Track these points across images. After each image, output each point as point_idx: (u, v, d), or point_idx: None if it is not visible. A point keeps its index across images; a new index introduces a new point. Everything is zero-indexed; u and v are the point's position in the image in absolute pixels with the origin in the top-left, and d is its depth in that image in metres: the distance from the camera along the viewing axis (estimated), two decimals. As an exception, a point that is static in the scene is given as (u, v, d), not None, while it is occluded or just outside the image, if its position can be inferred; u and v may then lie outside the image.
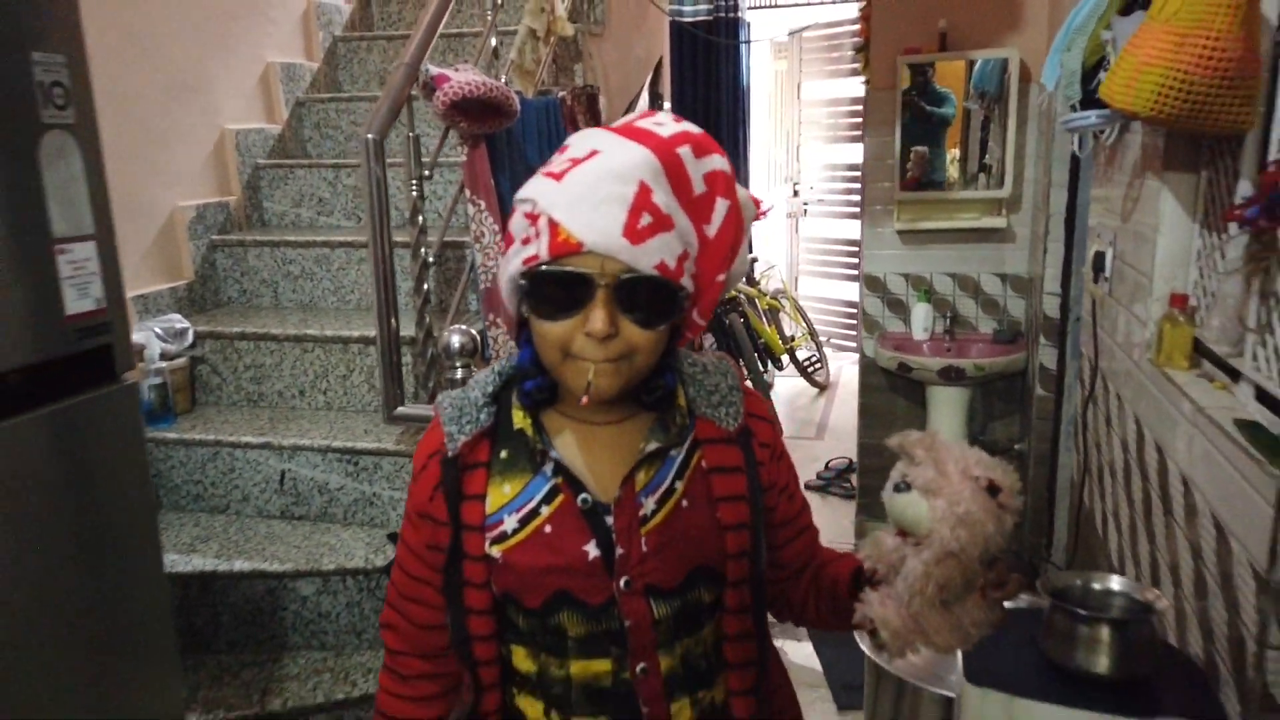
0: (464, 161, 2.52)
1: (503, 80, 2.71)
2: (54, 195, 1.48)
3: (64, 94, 1.50)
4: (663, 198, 0.85)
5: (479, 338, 2.29)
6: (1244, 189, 1.39)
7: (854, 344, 3.60)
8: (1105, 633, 1.25)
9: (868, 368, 3.66)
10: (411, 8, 3.80)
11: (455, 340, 2.22)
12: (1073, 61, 1.84)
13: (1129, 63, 1.41)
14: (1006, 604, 0.90)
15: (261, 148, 3.22)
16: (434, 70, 2.36)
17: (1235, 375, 1.40)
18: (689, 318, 0.93)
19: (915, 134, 3.38)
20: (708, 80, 6.10)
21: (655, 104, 4.35)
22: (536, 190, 0.87)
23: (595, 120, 3.17)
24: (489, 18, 2.78)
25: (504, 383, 0.98)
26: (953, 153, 3.40)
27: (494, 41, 2.80)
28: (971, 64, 3.27)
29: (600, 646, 0.94)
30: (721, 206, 0.89)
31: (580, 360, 0.86)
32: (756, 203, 0.97)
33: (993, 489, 0.87)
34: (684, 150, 0.86)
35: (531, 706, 0.98)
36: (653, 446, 0.93)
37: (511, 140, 2.62)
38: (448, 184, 2.99)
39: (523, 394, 0.95)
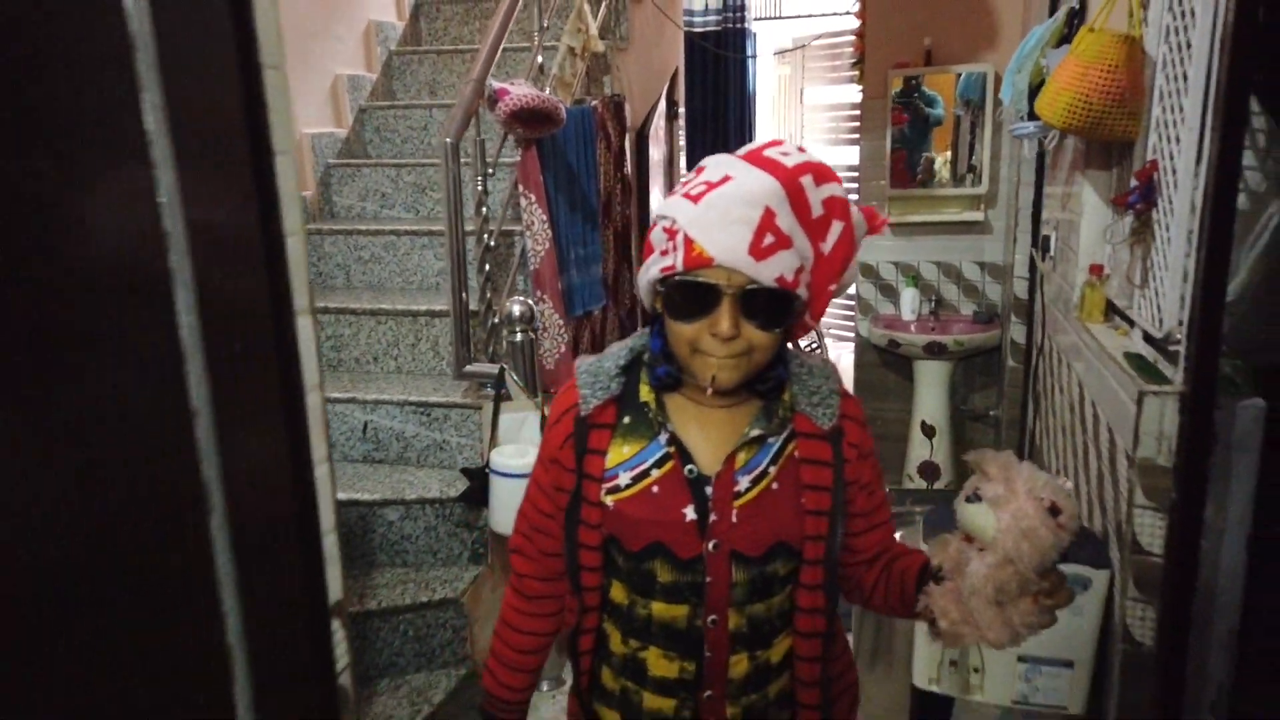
0: (518, 161, 2.98)
1: (547, 92, 3.16)
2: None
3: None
4: (785, 220, 0.97)
5: (534, 308, 2.74)
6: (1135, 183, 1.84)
7: (853, 333, 4.05)
8: (1025, 507, 1.70)
9: (862, 345, 4.12)
10: (456, 24, 4.26)
11: (516, 309, 2.68)
12: (1021, 82, 2.30)
13: (1052, 86, 1.87)
14: (1056, 610, 1.00)
15: (331, 149, 3.68)
16: (496, 85, 2.81)
17: (1132, 323, 1.85)
18: (801, 320, 1.07)
19: (912, 138, 3.83)
20: (717, 88, 6.56)
21: (672, 111, 4.80)
22: (676, 209, 1.00)
23: (622, 125, 3.63)
24: (535, 39, 3.23)
25: (633, 358, 1.12)
26: (945, 155, 3.85)
27: (540, 59, 3.25)
28: (959, 76, 3.73)
29: (681, 595, 1.07)
30: (836, 227, 1.02)
31: (707, 356, 1.00)
32: (873, 216, 1.08)
33: (1054, 510, 0.97)
34: (806, 179, 0.99)
35: (615, 632, 1.14)
36: (756, 433, 1.06)
37: (555, 143, 3.08)
38: (498, 180, 3.44)
39: (654, 377, 1.08)
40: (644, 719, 1.12)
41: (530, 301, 2.72)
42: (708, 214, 0.97)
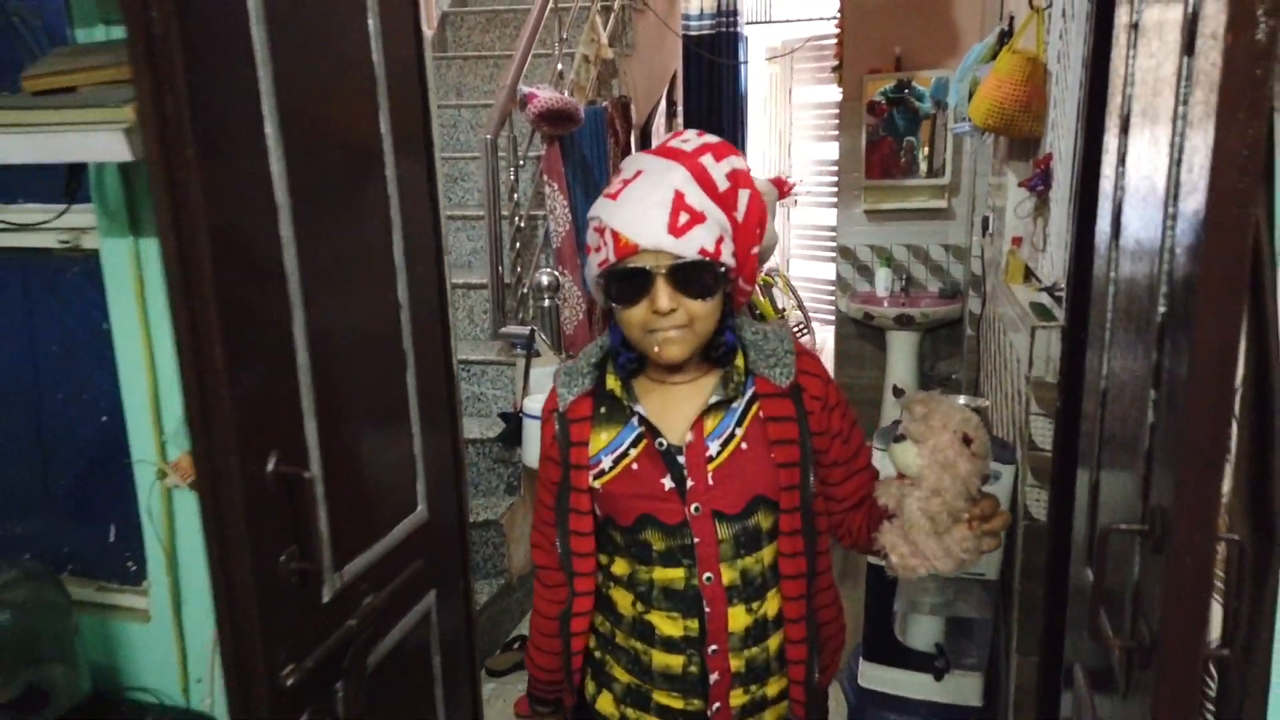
0: (542, 155, 3.48)
1: (566, 95, 3.65)
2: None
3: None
4: (695, 198, 1.06)
5: (559, 278, 3.24)
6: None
7: (833, 313, 4.58)
8: (952, 420, 2.21)
9: (841, 319, 4.63)
10: (478, 33, 4.75)
11: (544, 279, 3.18)
12: (962, 89, 2.81)
13: (978, 94, 2.38)
14: (995, 534, 1.07)
15: (372, 144, 4.17)
16: (525, 89, 3.30)
17: (1038, 279, 2.36)
18: (736, 286, 1.15)
19: (902, 128, 4.31)
20: (712, 88, 7.07)
21: (671, 110, 5.29)
22: (601, 209, 1.09)
23: (628, 123, 4.13)
24: (556, 49, 3.73)
25: (604, 354, 1.21)
26: (926, 148, 4.34)
27: (560, 66, 3.75)
28: (933, 78, 4.21)
29: (675, 558, 1.15)
30: (743, 195, 1.11)
31: (655, 334, 1.08)
32: (781, 183, 1.22)
33: (967, 440, 1.05)
34: (706, 159, 1.09)
35: (623, 598, 1.21)
36: (716, 399, 1.14)
37: (574, 139, 3.57)
38: (524, 171, 3.93)
39: (618, 365, 1.17)
40: (654, 675, 1.19)
41: (556, 273, 3.22)
42: (626, 207, 1.06)
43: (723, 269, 1.09)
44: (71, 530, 1.69)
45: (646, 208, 1.05)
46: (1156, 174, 0.88)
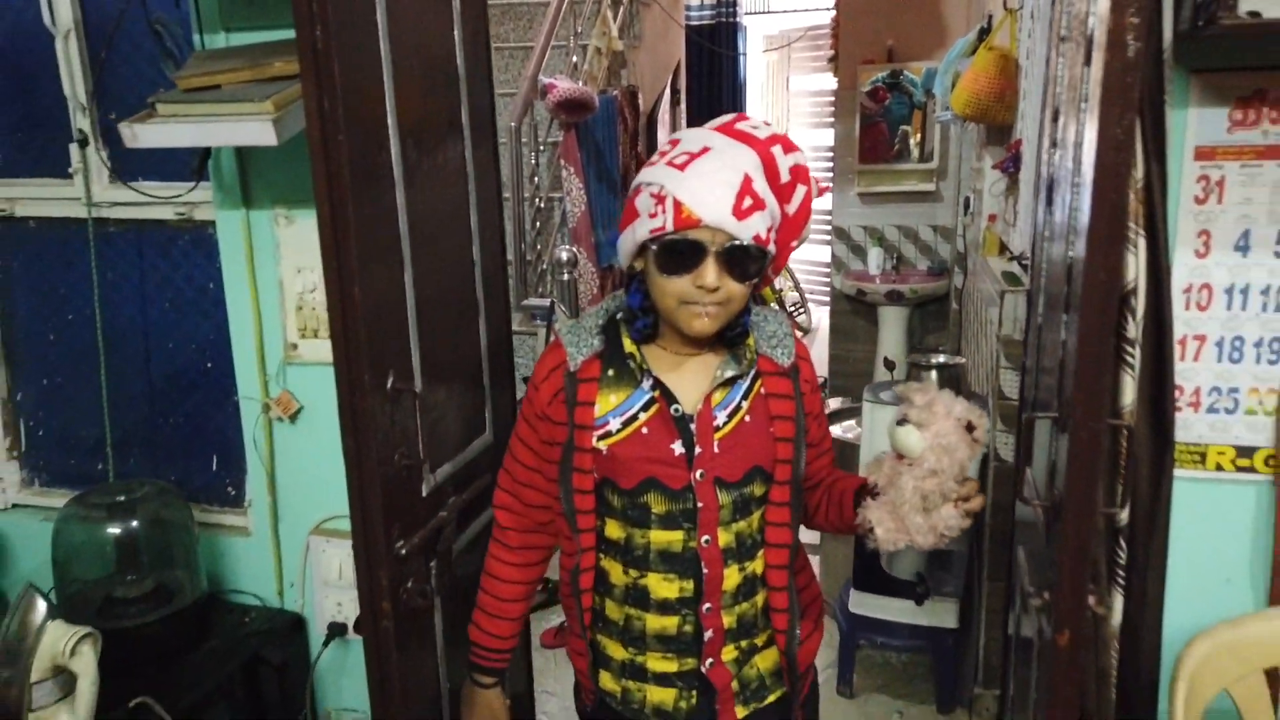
0: (560, 141, 3.76)
1: (581, 85, 3.93)
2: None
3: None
4: (760, 185, 1.09)
5: (577, 255, 3.52)
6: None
7: (827, 293, 4.89)
8: (934, 374, 2.51)
9: (836, 296, 4.92)
10: (494, 25, 5.00)
11: (564, 255, 3.46)
12: (947, 80, 3.09)
13: (959, 86, 2.66)
14: (973, 513, 1.13)
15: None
16: (545, 80, 3.58)
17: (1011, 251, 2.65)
18: (767, 274, 1.19)
19: (897, 115, 4.60)
20: (712, 77, 7.35)
21: (675, 98, 5.57)
22: (664, 176, 1.10)
23: (636, 111, 4.40)
24: (571, 42, 4.00)
25: (610, 318, 1.23)
26: (917, 136, 4.63)
27: (575, 58, 4.02)
28: (925, 68, 4.49)
29: (675, 521, 1.18)
30: (800, 191, 1.15)
31: (692, 306, 1.10)
32: (816, 181, 1.21)
33: (969, 427, 1.11)
34: (776, 149, 1.12)
35: (613, 566, 1.23)
36: (729, 373, 1.18)
37: (587, 126, 3.85)
38: (542, 155, 4.21)
39: (634, 330, 1.18)
40: (648, 640, 1.22)
41: (574, 249, 3.50)
42: (694, 180, 1.07)
43: (768, 256, 1.13)
44: (179, 461, 1.99)
45: (714, 185, 1.07)
46: (1069, 154, 1.17)
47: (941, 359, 2.61)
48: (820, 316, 7.66)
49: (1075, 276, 1.12)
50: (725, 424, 1.18)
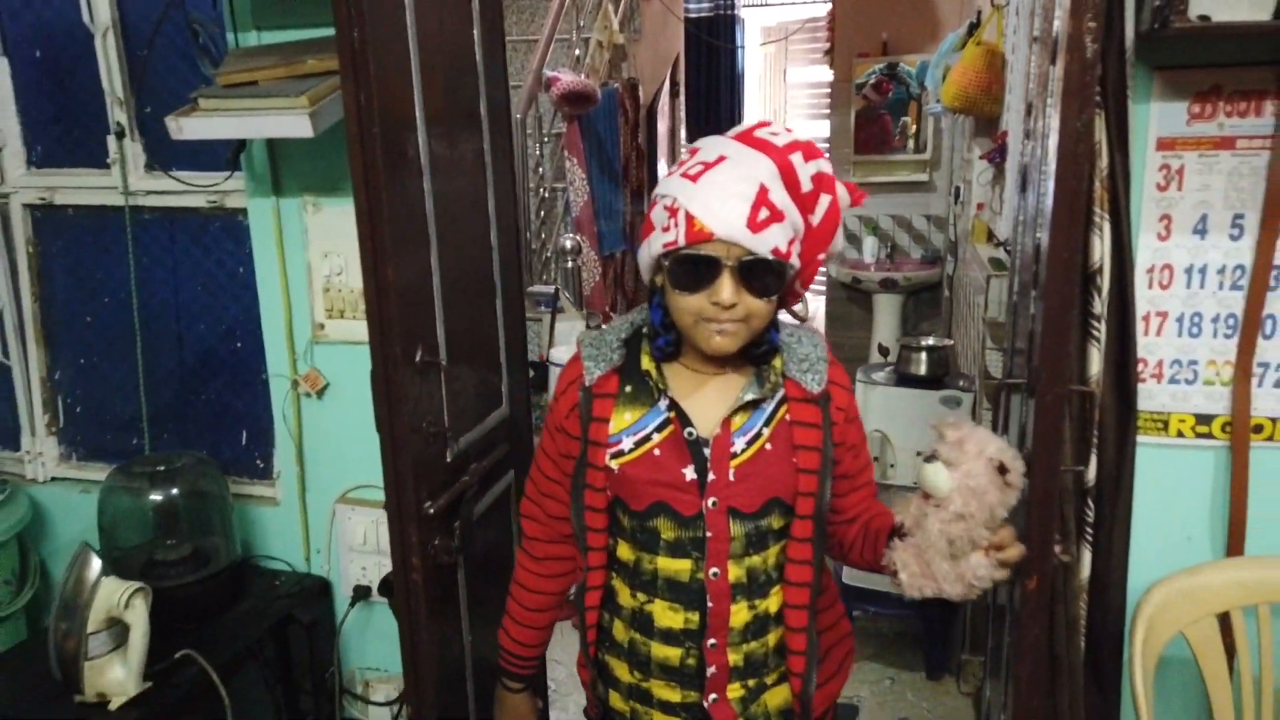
0: (564, 132, 3.87)
1: (583, 77, 4.03)
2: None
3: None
4: (778, 196, 1.03)
5: (580, 243, 3.64)
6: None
7: (824, 283, 5.04)
8: (924, 355, 2.63)
9: (832, 284, 5.04)
10: (496, 18, 5.11)
11: (567, 243, 3.58)
12: (938, 74, 3.20)
13: (949, 79, 2.78)
14: (1008, 566, 1.04)
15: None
16: (549, 73, 3.68)
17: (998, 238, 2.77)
18: (792, 288, 1.13)
19: (895, 106, 4.70)
20: (710, 69, 7.44)
21: (674, 90, 5.67)
22: (676, 188, 1.06)
23: (637, 103, 4.51)
24: (573, 35, 4.11)
25: (634, 332, 1.18)
26: (914, 127, 4.75)
27: (577, 51, 4.13)
28: (919, 61, 4.61)
29: (684, 550, 1.13)
30: (824, 200, 1.08)
31: (709, 324, 1.06)
32: (854, 190, 1.13)
33: (1002, 469, 1.02)
34: (795, 157, 1.05)
35: (622, 588, 1.19)
36: (750, 396, 1.12)
37: (590, 118, 3.96)
38: (546, 147, 4.31)
39: (655, 347, 1.14)
40: (652, 667, 1.18)
41: (577, 238, 3.62)
42: (707, 191, 1.03)
43: (790, 270, 1.08)
44: (210, 436, 2.10)
45: (727, 196, 1.02)
46: (1039, 144, 1.28)
47: (930, 341, 2.73)
48: (817, 306, 7.81)
49: (1042, 256, 1.24)
50: (744, 451, 1.13)
